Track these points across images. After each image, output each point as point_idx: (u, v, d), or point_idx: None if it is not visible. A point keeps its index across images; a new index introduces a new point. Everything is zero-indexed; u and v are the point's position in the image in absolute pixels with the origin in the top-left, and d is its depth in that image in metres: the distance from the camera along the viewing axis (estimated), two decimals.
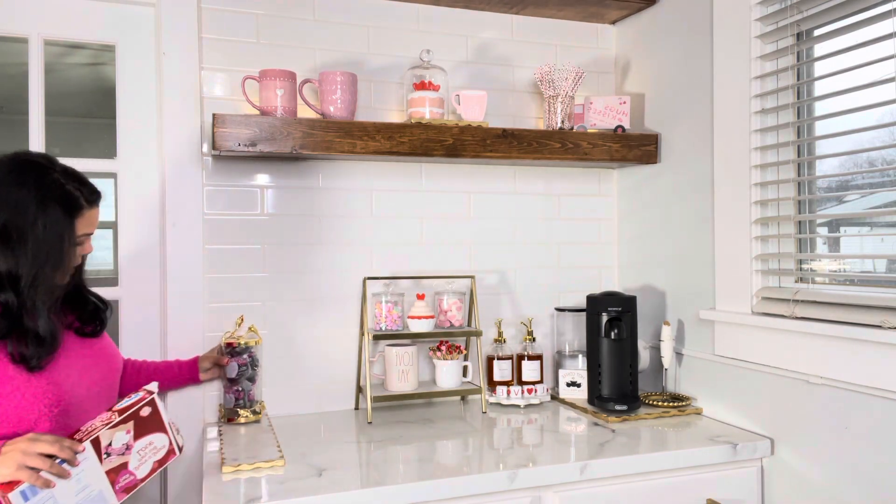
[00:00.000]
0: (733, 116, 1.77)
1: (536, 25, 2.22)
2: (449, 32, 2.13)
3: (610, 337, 1.91)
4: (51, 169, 1.32)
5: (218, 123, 1.71)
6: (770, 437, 1.67)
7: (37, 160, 1.33)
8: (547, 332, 2.23)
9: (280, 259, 1.96)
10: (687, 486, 1.60)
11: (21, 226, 1.25)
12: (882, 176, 1.58)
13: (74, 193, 1.32)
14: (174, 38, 1.84)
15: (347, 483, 1.39)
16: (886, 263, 1.56)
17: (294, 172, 1.97)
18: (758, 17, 1.70)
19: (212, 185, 1.90)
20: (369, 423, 1.83)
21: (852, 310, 1.47)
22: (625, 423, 1.81)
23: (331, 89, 1.84)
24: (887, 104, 1.43)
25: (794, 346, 1.59)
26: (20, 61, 1.82)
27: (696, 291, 1.92)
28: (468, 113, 1.97)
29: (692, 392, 1.94)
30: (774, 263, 1.72)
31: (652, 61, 2.12)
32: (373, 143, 1.83)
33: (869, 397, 1.43)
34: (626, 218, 2.26)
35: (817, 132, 1.68)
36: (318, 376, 1.99)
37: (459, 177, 2.14)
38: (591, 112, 2.11)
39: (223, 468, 1.46)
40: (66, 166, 1.36)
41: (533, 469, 1.48)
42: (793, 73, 1.68)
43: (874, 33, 1.46)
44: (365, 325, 1.94)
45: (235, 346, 1.78)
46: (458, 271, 2.14)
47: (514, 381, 2.10)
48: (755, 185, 1.72)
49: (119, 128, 1.88)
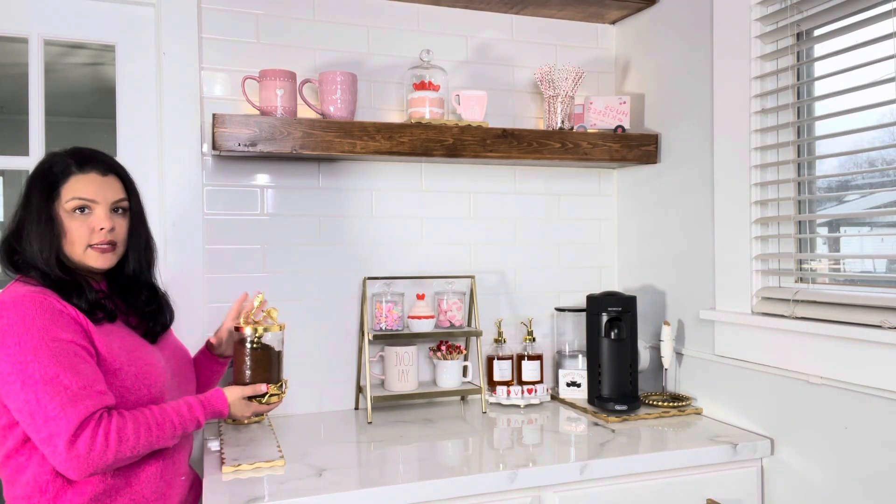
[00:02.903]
0: (733, 116, 1.77)
1: (536, 25, 2.22)
2: (449, 32, 2.13)
3: (610, 337, 1.91)
4: (50, 159, 1.38)
5: (218, 123, 1.71)
6: (770, 437, 1.67)
7: (43, 159, 1.40)
8: (547, 332, 2.23)
9: (280, 259, 1.96)
10: (687, 486, 1.60)
11: (26, 196, 1.35)
12: (882, 176, 1.58)
13: (59, 164, 1.35)
14: (174, 38, 1.85)
15: (347, 483, 1.39)
16: (886, 263, 1.56)
17: (294, 172, 1.97)
18: (758, 17, 1.70)
19: (212, 185, 1.90)
20: (369, 423, 1.83)
21: (852, 310, 1.47)
22: (625, 423, 1.81)
23: (331, 89, 1.84)
24: (887, 104, 1.43)
25: (794, 346, 1.59)
26: (20, 61, 1.82)
27: (696, 291, 1.92)
28: (468, 113, 1.97)
29: (692, 392, 1.94)
30: (774, 263, 1.72)
31: (652, 61, 2.12)
32: (373, 143, 1.83)
33: (869, 397, 1.43)
34: (626, 218, 2.26)
35: (817, 132, 1.68)
36: (318, 376, 1.99)
37: (459, 177, 2.14)
38: (591, 112, 2.11)
39: (223, 468, 1.46)
40: (77, 148, 1.40)
41: (533, 469, 1.48)
42: (793, 73, 1.68)
43: (874, 33, 1.46)
44: (365, 325, 1.94)
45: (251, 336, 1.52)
46: (458, 271, 2.14)
47: (514, 381, 2.10)
48: (755, 185, 1.72)
49: (119, 128, 1.88)
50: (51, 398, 1.18)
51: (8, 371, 1.20)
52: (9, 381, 1.20)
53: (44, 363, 1.20)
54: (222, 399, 1.41)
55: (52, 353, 1.21)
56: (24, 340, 1.20)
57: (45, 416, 1.18)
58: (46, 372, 1.19)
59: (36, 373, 1.19)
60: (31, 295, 1.25)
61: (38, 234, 1.31)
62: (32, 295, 1.25)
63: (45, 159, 1.38)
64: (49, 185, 1.33)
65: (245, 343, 1.50)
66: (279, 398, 1.50)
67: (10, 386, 1.20)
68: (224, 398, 1.41)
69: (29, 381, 1.19)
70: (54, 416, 1.18)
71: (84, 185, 1.34)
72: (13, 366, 1.20)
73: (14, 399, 1.20)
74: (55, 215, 1.32)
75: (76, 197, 1.33)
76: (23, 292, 1.26)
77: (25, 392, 1.19)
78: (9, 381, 1.20)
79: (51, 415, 1.18)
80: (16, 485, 1.28)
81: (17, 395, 1.19)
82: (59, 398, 1.19)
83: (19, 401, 1.19)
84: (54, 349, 1.21)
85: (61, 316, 1.25)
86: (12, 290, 1.28)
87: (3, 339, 1.21)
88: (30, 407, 1.19)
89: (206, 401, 1.39)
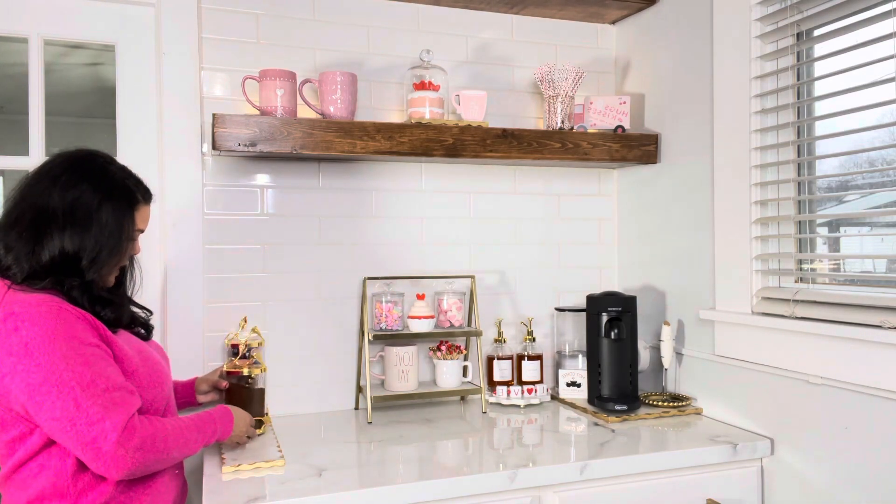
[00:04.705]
0: (733, 116, 1.77)
1: (536, 25, 2.22)
2: (449, 32, 2.13)
3: (610, 337, 1.91)
4: (112, 163, 1.40)
5: (218, 123, 1.71)
6: (770, 437, 1.67)
7: (100, 153, 1.41)
8: (547, 332, 2.23)
9: (280, 259, 1.96)
10: (687, 486, 1.60)
11: (88, 209, 1.31)
12: (882, 176, 1.58)
13: (133, 188, 1.39)
14: (174, 38, 1.84)
15: (347, 483, 1.39)
16: (886, 263, 1.56)
17: (294, 172, 1.97)
18: (758, 17, 1.70)
19: (212, 185, 1.90)
20: (369, 423, 1.83)
21: (852, 310, 1.47)
22: (625, 423, 1.81)
23: (331, 89, 1.84)
24: (887, 104, 1.43)
25: (794, 346, 1.59)
26: (20, 61, 1.82)
27: (696, 291, 1.92)
28: (468, 113, 1.97)
29: (692, 392, 1.94)
30: (774, 263, 1.72)
31: (652, 61, 2.12)
32: (373, 143, 1.83)
33: (869, 397, 1.43)
34: (626, 218, 2.26)
35: (817, 132, 1.68)
36: (318, 376, 1.99)
37: (459, 177, 2.14)
38: (591, 112, 2.11)
39: (223, 468, 1.46)
40: (123, 164, 1.43)
41: (533, 469, 1.48)
42: (793, 73, 1.68)
43: (874, 33, 1.46)
44: (365, 325, 1.94)
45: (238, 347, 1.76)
46: (458, 271, 2.14)
47: (514, 381, 2.10)
48: (755, 185, 1.72)
49: (119, 128, 1.88)
50: (91, 402, 1.18)
51: (40, 381, 1.18)
52: (41, 391, 1.18)
53: (77, 369, 1.20)
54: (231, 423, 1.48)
55: (83, 358, 1.21)
56: (52, 349, 1.19)
57: (88, 421, 1.18)
58: (82, 378, 1.19)
59: (72, 380, 1.18)
60: (46, 303, 1.23)
61: (110, 251, 1.33)
62: (48, 303, 1.23)
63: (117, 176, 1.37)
64: (128, 205, 1.37)
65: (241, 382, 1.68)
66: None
67: (45, 396, 1.18)
68: (232, 424, 1.48)
69: (65, 388, 1.18)
70: (98, 419, 1.18)
71: (146, 217, 1.43)
72: (45, 375, 1.18)
73: (49, 408, 1.18)
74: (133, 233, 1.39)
75: (140, 230, 1.42)
76: (34, 301, 1.23)
77: (63, 399, 1.18)
78: (42, 392, 1.18)
79: (94, 419, 1.18)
80: (28, 490, 1.27)
81: (52, 404, 1.18)
82: (99, 401, 1.19)
83: (56, 409, 1.18)
84: (84, 354, 1.22)
85: (80, 322, 1.25)
86: (21, 300, 1.24)
87: (30, 349, 1.19)
88: (69, 414, 1.18)
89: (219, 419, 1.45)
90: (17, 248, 1.28)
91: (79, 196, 1.31)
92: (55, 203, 1.29)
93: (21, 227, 1.28)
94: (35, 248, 1.27)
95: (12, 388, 1.20)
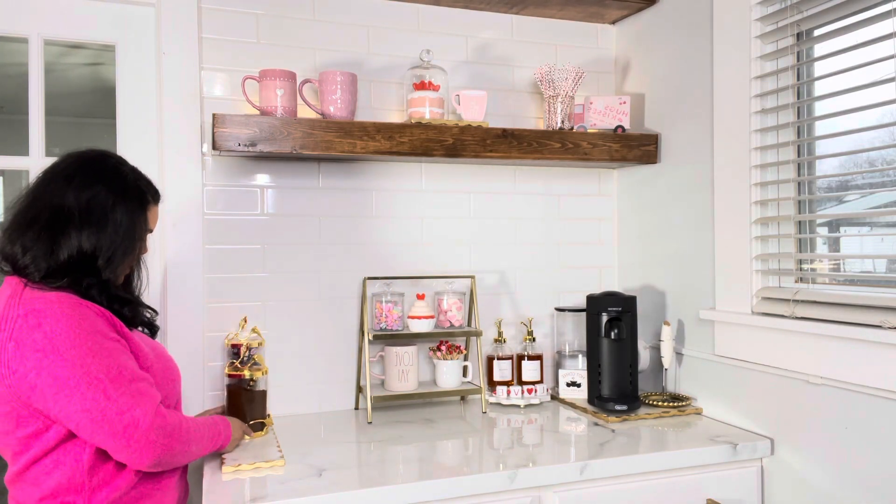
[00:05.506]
0: (733, 116, 1.77)
1: (536, 25, 2.22)
2: (449, 32, 2.13)
3: (610, 337, 1.91)
4: (124, 164, 1.43)
5: (218, 123, 1.71)
6: (770, 437, 1.67)
7: (111, 154, 1.44)
8: (547, 332, 2.23)
9: (280, 259, 1.96)
10: (687, 486, 1.60)
11: (103, 208, 1.33)
12: (882, 176, 1.58)
13: (144, 188, 1.42)
14: (174, 38, 1.85)
15: (347, 483, 1.39)
16: (886, 263, 1.56)
17: (294, 172, 1.97)
18: (758, 17, 1.70)
19: (212, 185, 1.90)
20: (369, 423, 1.83)
21: (852, 310, 1.47)
22: (625, 423, 1.81)
23: (331, 89, 1.84)
24: (887, 104, 1.43)
25: (794, 346, 1.59)
26: (20, 61, 1.82)
27: (696, 291, 1.92)
28: (468, 113, 1.97)
29: (692, 392, 1.94)
30: (774, 263, 1.72)
31: (652, 61, 2.12)
32: (373, 143, 1.83)
33: (869, 397, 1.43)
34: (626, 218, 2.26)
35: (817, 132, 1.68)
36: (318, 376, 1.99)
37: (459, 177, 2.14)
38: (591, 112, 2.11)
39: (223, 468, 1.46)
40: (133, 165, 1.45)
41: (533, 469, 1.48)
42: (793, 73, 1.68)
43: (874, 33, 1.46)
44: (365, 325, 1.94)
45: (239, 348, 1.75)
46: (458, 271, 2.14)
47: (514, 381, 2.10)
48: (755, 185, 1.72)
49: (119, 128, 1.88)
50: (120, 393, 1.22)
51: (67, 375, 1.20)
52: (69, 384, 1.20)
53: (104, 361, 1.23)
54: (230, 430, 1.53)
55: (107, 351, 1.24)
56: (78, 343, 1.21)
57: (119, 410, 1.21)
58: (109, 369, 1.22)
59: (99, 372, 1.21)
60: (66, 300, 1.25)
61: (124, 250, 1.35)
62: (67, 300, 1.25)
63: (129, 177, 1.40)
64: (140, 205, 1.40)
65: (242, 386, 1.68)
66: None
67: (73, 389, 1.20)
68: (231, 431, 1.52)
69: (94, 380, 1.20)
70: (129, 408, 1.22)
71: (155, 218, 1.46)
72: (73, 369, 1.20)
73: (79, 400, 1.20)
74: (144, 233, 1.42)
75: (150, 230, 1.44)
76: (54, 298, 1.25)
77: (93, 391, 1.20)
78: (70, 385, 1.20)
79: (124, 408, 1.21)
80: (42, 486, 1.27)
81: (82, 396, 1.20)
82: (127, 391, 1.23)
83: (87, 400, 1.20)
84: (108, 348, 1.25)
85: (100, 317, 1.28)
86: (40, 297, 1.25)
87: (55, 345, 1.20)
88: (99, 405, 1.20)
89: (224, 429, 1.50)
90: (35, 247, 1.28)
91: (94, 196, 1.32)
92: (71, 203, 1.30)
93: (38, 227, 1.29)
94: (53, 247, 1.28)
95: (38, 384, 1.21)
